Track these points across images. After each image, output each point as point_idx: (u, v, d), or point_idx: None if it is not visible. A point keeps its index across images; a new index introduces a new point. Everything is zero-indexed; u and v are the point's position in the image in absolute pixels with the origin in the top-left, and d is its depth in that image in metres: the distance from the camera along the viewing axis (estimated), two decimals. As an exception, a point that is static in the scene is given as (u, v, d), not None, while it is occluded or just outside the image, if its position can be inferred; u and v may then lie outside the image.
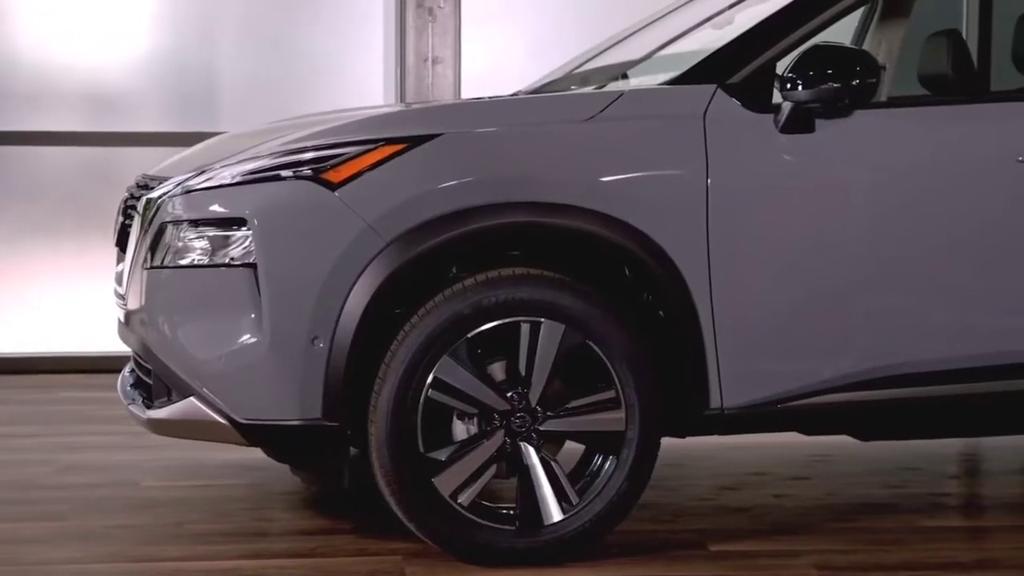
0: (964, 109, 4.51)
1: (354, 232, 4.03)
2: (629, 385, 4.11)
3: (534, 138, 4.17)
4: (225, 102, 7.47)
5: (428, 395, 4.04)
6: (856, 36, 5.60)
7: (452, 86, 7.27)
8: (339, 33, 7.45)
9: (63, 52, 7.40)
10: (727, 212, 4.15)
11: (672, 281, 4.12)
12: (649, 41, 5.06)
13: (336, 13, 7.44)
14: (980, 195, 4.30)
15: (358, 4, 7.44)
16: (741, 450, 5.43)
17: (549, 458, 4.12)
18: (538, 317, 4.07)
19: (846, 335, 4.24)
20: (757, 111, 4.22)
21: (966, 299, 4.32)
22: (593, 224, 4.11)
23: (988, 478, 5.46)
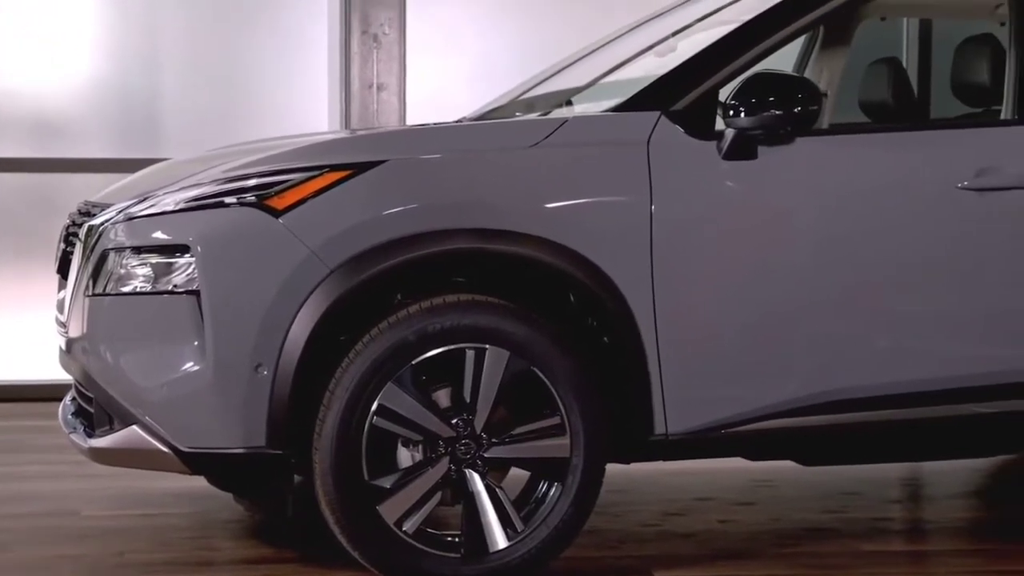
0: (904, 136, 4.56)
1: (298, 259, 4.02)
2: (574, 411, 4.11)
3: (479, 164, 4.18)
4: (168, 128, 7.44)
5: (373, 422, 4.03)
6: (798, 64, 5.65)
7: (397, 112, 7.27)
8: (283, 59, 7.44)
9: (6, 78, 7.34)
10: (671, 238, 4.17)
11: (617, 307, 4.14)
12: (594, 68, 5.09)
13: (280, 39, 7.44)
14: (921, 222, 4.34)
15: (302, 30, 7.43)
16: (686, 475, 5.45)
17: (494, 485, 4.12)
18: (483, 343, 4.07)
19: (789, 361, 4.26)
20: (700, 138, 4.25)
21: (908, 325, 4.35)
22: (538, 250, 4.11)
23: (929, 502, 5.49)
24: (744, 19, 4.47)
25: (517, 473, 4.21)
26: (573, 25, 7.13)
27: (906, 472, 5.74)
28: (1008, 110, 4.53)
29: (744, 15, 4.52)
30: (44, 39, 7.37)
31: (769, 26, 4.39)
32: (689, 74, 4.32)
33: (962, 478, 5.64)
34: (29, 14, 7.36)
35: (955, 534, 4.97)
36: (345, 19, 7.27)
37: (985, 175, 4.35)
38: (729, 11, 4.87)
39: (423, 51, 7.36)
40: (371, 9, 7.25)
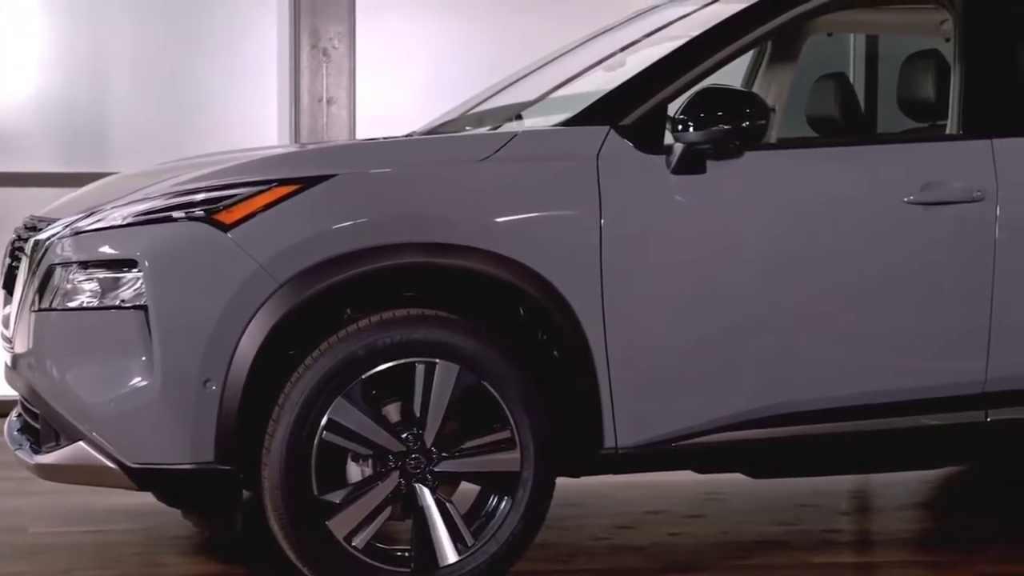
0: (851, 151, 4.59)
1: (247, 273, 4.00)
2: (524, 425, 4.11)
3: (429, 179, 4.18)
4: (116, 142, 7.39)
5: (322, 437, 4.02)
6: (746, 79, 5.69)
7: (347, 126, 7.26)
8: (232, 73, 7.42)
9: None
10: (620, 252, 4.18)
11: (566, 321, 4.14)
12: (543, 82, 5.10)
13: (229, 53, 7.41)
14: (868, 235, 4.37)
15: (251, 44, 7.41)
16: (636, 489, 5.46)
17: (444, 499, 4.11)
18: (433, 358, 4.07)
19: (739, 374, 4.28)
20: (649, 152, 4.26)
21: (855, 338, 4.38)
22: (488, 264, 4.11)
23: (879, 514, 5.53)
24: (693, 34, 4.49)
25: (467, 487, 4.20)
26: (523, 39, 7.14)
27: (855, 484, 5.77)
28: (953, 125, 4.57)
29: (693, 30, 4.54)
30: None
31: (717, 41, 4.42)
32: (638, 89, 4.34)
33: (910, 489, 5.68)
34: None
35: (904, 545, 5.00)
36: (294, 33, 7.26)
37: (930, 189, 4.39)
38: (678, 26, 4.90)
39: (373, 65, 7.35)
40: (321, 23, 7.24)
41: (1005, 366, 4.45)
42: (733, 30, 4.44)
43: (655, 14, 5.23)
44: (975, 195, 4.42)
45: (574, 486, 4.60)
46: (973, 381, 4.45)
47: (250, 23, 7.43)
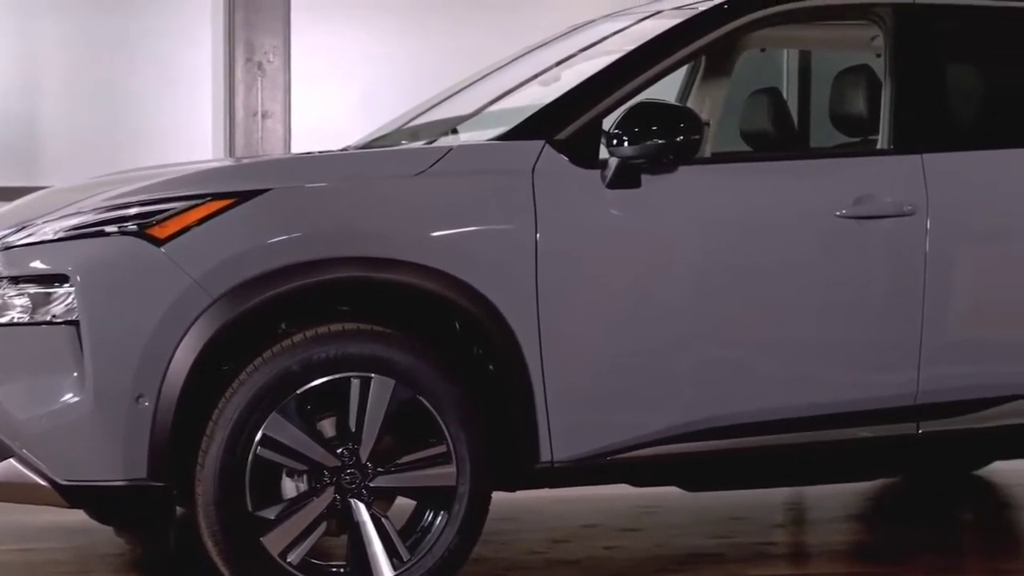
0: (785, 165, 4.63)
1: (180, 288, 3.97)
2: (460, 440, 4.11)
3: (363, 193, 4.17)
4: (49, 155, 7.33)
5: (257, 453, 3.99)
6: (680, 94, 5.72)
7: (282, 140, 7.24)
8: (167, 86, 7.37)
9: None
10: (556, 266, 4.19)
11: (502, 335, 4.14)
12: (479, 96, 5.10)
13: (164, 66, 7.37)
14: (801, 249, 4.41)
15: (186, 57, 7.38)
16: (572, 502, 5.46)
17: (380, 514, 4.09)
18: (368, 372, 4.05)
19: (674, 387, 4.30)
20: (584, 166, 4.27)
21: (789, 351, 4.41)
22: (423, 279, 4.11)
23: (813, 526, 5.57)
24: (627, 49, 4.52)
25: (403, 502, 4.19)
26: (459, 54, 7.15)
27: (789, 496, 5.81)
28: (884, 140, 4.61)
29: (627, 45, 4.57)
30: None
31: (652, 56, 4.44)
32: (573, 103, 4.35)
33: (844, 501, 5.72)
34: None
35: (837, 557, 5.03)
36: (229, 47, 7.23)
37: (862, 204, 4.43)
38: (613, 41, 4.92)
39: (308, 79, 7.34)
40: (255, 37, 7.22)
41: (936, 378, 4.49)
42: (667, 45, 4.47)
43: (590, 29, 5.25)
44: (906, 209, 4.46)
45: (510, 500, 4.60)
46: (905, 393, 4.49)
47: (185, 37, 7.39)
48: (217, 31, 7.31)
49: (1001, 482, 6.04)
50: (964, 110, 4.84)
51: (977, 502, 5.86)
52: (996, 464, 6.02)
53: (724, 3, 4.56)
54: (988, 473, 6.14)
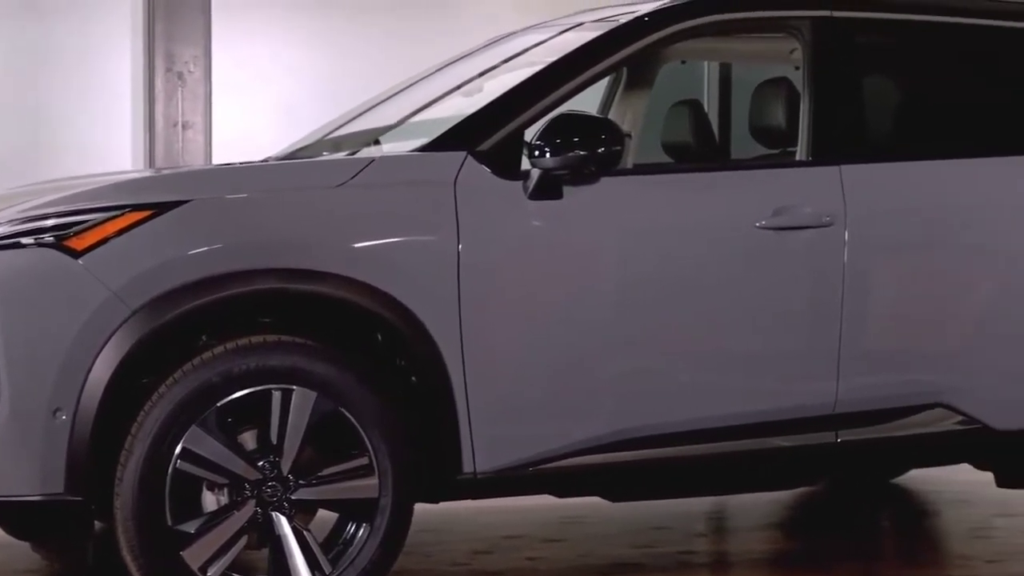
0: (705, 176, 4.66)
1: (98, 300, 3.93)
2: (382, 452, 4.09)
3: (285, 204, 4.15)
4: (-36, 166, 7.22)
5: (176, 466, 3.96)
6: (602, 105, 5.74)
7: (203, 151, 7.18)
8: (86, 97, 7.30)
9: None
10: (478, 278, 4.19)
11: (424, 347, 4.14)
12: (402, 107, 5.10)
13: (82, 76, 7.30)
14: (721, 260, 4.44)
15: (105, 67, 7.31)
16: (495, 513, 5.46)
17: (301, 527, 4.07)
18: (290, 384, 4.03)
19: (596, 398, 4.31)
20: (506, 178, 4.28)
21: (710, 361, 4.44)
22: (345, 290, 4.09)
23: (734, 535, 5.60)
24: (549, 61, 4.53)
25: (325, 514, 4.17)
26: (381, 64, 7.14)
27: (711, 505, 5.84)
28: (803, 151, 4.66)
29: (549, 57, 4.58)
30: None
31: (573, 68, 4.46)
32: (495, 114, 4.36)
33: (765, 510, 5.76)
34: None
35: (759, 565, 5.06)
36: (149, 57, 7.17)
37: (782, 214, 4.47)
38: (535, 53, 4.93)
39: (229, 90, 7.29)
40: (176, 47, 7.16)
41: (854, 388, 4.54)
42: (589, 57, 4.49)
43: (512, 40, 5.26)
44: (824, 220, 4.51)
45: (433, 511, 4.59)
46: (824, 403, 4.53)
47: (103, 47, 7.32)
48: (137, 41, 7.25)
49: (918, 490, 6.11)
50: (881, 122, 4.90)
51: (895, 510, 5.92)
52: (913, 472, 6.09)
53: (645, 15, 4.59)
54: (906, 481, 6.21)
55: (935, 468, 5.59)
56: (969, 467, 5.10)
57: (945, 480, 6.02)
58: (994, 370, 4.69)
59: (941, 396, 4.65)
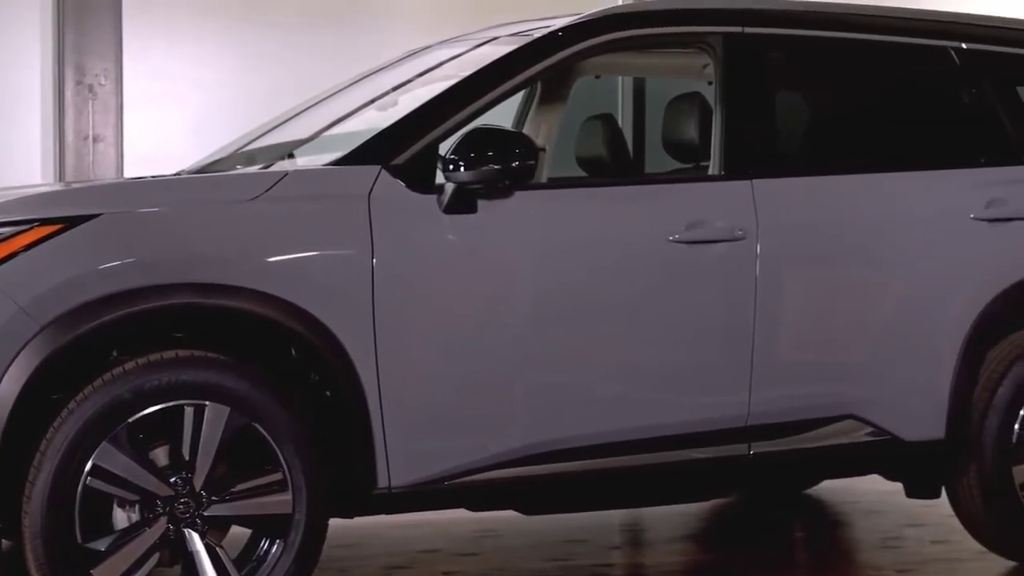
0: (619, 190, 4.69)
1: (6, 316, 3.87)
2: (296, 467, 4.07)
3: (198, 218, 4.11)
4: None
5: (87, 483, 3.91)
6: (517, 119, 5.76)
7: (114, 164, 7.11)
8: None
9: None
10: (393, 292, 4.18)
11: (338, 361, 4.12)
12: (316, 121, 5.08)
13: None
14: (635, 274, 4.46)
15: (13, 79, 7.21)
16: (411, 528, 5.44)
17: (214, 544, 4.03)
18: (202, 400, 4.00)
19: (511, 412, 4.32)
20: (421, 192, 4.28)
21: (625, 374, 4.46)
22: (258, 305, 4.07)
23: (649, 547, 5.62)
24: (464, 75, 4.54)
25: (238, 531, 4.13)
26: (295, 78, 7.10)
27: (627, 518, 5.86)
28: (715, 165, 4.70)
29: (464, 71, 4.59)
30: None
31: (488, 82, 4.47)
32: (409, 128, 4.36)
33: (679, 522, 5.79)
34: None
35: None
36: (58, 69, 7.08)
37: (694, 228, 4.51)
38: (449, 67, 4.94)
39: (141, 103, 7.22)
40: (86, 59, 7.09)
41: (767, 400, 4.58)
42: (503, 71, 4.50)
43: (427, 54, 5.26)
44: (737, 234, 4.55)
45: (348, 527, 4.57)
46: (737, 415, 4.57)
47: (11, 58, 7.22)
48: (46, 53, 7.16)
49: (830, 500, 6.17)
50: (793, 137, 4.96)
51: (808, 520, 5.98)
52: (826, 483, 6.15)
53: (559, 30, 4.61)
54: (818, 492, 6.27)
55: (847, 479, 5.65)
56: (880, 478, 5.16)
57: (856, 491, 6.09)
58: (902, 381, 4.76)
59: (851, 408, 4.71)
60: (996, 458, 4.89)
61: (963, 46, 5.08)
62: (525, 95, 5.72)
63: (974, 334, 4.83)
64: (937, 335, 4.80)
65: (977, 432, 4.88)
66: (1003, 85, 5.09)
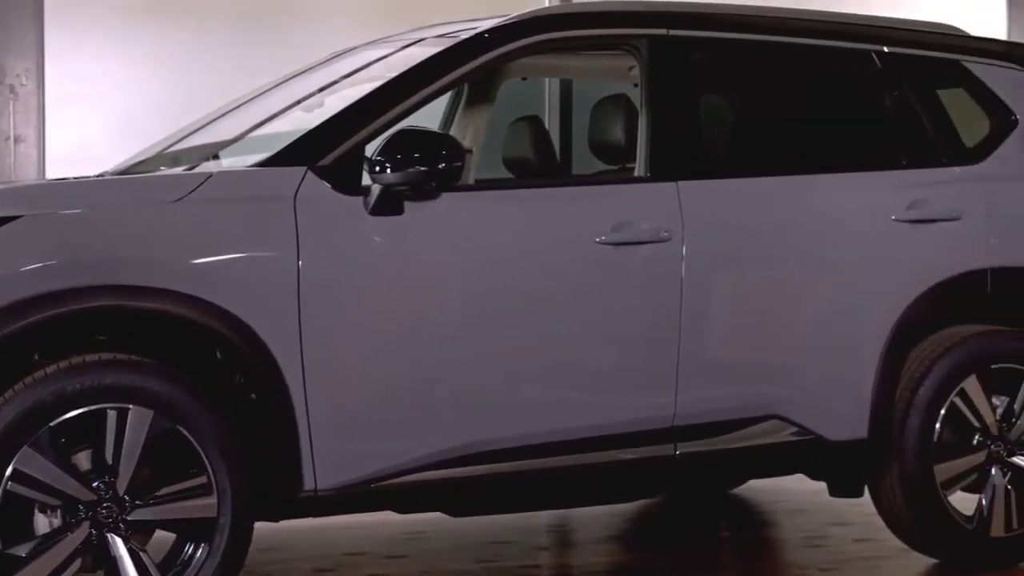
0: (546, 192, 4.69)
1: (-75, 319, 3.82)
2: (221, 470, 4.04)
3: (121, 220, 4.07)
4: None
5: (7, 488, 3.86)
6: (444, 121, 5.75)
7: (36, 166, 7.02)
8: (-88, 109, 7.08)
9: None
10: (319, 294, 4.16)
11: (264, 363, 4.10)
12: (241, 122, 5.05)
13: (-91, 89, 7.08)
14: (562, 275, 4.47)
15: (-68, 79, 7.11)
16: (337, 530, 5.42)
17: (138, 548, 4.00)
18: (125, 403, 3.96)
19: (437, 414, 4.31)
20: (347, 193, 4.26)
21: (551, 376, 4.47)
22: (183, 307, 4.04)
23: (576, 548, 5.64)
24: (390, 76, 4.52)
25: (163, 535, 4.09)
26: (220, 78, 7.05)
27: (553, 519, 5.87)
28: (641, 167, 4.72)
29: (390, 72, 4.58)
30: None
31: (414, 83, 4.46)
32: (335, 129, 4.34)
33: (606, 523, 5.81)
34: None
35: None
36: (-21, 69, 6.99)
37: (621, 230, 4.52)
38: (376, 68, 4.92)
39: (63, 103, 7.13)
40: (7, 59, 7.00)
41: (693, 400, 4.61)
42: (429, 73, 4.50)
43: (354, 55, 5.25)
44: (663, 235, 4.57)
45: (274, 530, 4.55)
46: (663, 416, 4.59)
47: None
48: (-34, 53, 7.06)
49: (756, 500, 6.22)
50: (718, 139, 4.99)
51: (734, 520, 6.02)
52: (752, 483, 6.19)
53: (485, 32, 4.61)
54: (744, 492, 6.32)
55: (772, 478, 5.69)
56: (805, 477, 5.20)
57: (782, 490, 6.14)
58: (826, 382, 4.80)
59: (776, 408, 4.75)
60: (917, 457, 4.95)
61: (885, 49, 5.14)
62: (452, 97, 5.72)
63: (896, 335, 4.89)
64: (860, 336, 4.85)
65: (899, 432, 4.94)
66: (924, 88, 5.16)
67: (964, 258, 4.99)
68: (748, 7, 5.15)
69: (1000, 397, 5.07)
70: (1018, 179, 5.15)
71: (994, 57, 5.31)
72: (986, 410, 5.02)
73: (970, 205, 5.01)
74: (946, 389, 4.96)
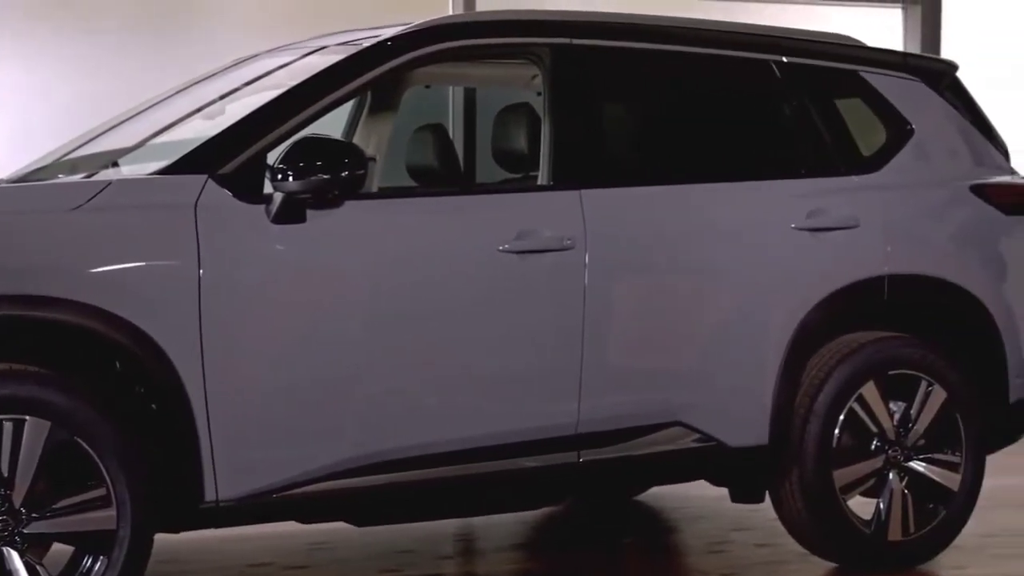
0: (449, 200, 4.69)
1: None
2: (120, 482, 4.00)
3: (17, 228, 4.02)
4: None
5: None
6: (347, 128, 5.73)
7: (-69, 173, 6.89)
8: None
9: None
10: (220, 302, 4.13)
11: (164, 373, 4.06)
12: (141, 129, 4.99)
13: None
14: (465, 283, 4.47)
15: None
16: (240, 541, 5.38)
17: (34, 562, 3.94)
18: (22, 414, 3.90)
19: (340, 423, 4.29)
20: (249, 201, 4.23)
21: (455, 384, 4.47)
22: (81, 317, 3.99)
23: (481, 556, 5.63)
24: (292, 84, 4.50)
25: (61, 548, 4.04)
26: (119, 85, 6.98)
27: (458, 527, 5.87)
28: (544, 176, 4.74)
29: (292, 80, 4.55)
30: None
31: (316, 91, 4.45)
32: (236, 137, 4.31)
33: (511, 530, 5.82)
34: None
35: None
36: None
37: (524, 238, 4.54)
38: (278, 75, 4.90)
39: (-41, 109, 7.03)
40: (-99, 63, 6.87)
41: (596, 408, 4.63)
42: (332, 80, 4.49)
43: (255, 62, 5.21)
44: (566, 243, 4.59)
45: (174, 541, 4.50)
46: (567, 423, 4.61)
47: None
48: None
49: (659, 506, 6.26)
50: (621, 148, 5.02)
51: (637, 527, 6.05)
52: (655, 489, 6.23)
53: (388, 40, 4.60)
54: (647, 498, 6.35)
55: (675, 485, 5.73)
56: (706, 483, 5.25)
57: (685, 496, 6.18)
58: (727, 388, 4.85)
59: (678, 414, 4.78)
60: (817, 463, 5.01)
61: (784, 59, 5.20)
62: (355, 104, 5.70)
63: (795, 341, 4.94)
64: (761, 342, 4.90)
65: (799, 437, 4.99)
66: (823, 98, 5.22)
67: (862, 266, 5.06)
68: (652, 17, 5.18)
69: (897, 403, 5.14)
70: (914, 187, 5.24)
71: (890, 68, 5.40)
72: (884, 416, 5.10)
73: (867, 213, 5.09)
74: (845, 395, 5.03)
